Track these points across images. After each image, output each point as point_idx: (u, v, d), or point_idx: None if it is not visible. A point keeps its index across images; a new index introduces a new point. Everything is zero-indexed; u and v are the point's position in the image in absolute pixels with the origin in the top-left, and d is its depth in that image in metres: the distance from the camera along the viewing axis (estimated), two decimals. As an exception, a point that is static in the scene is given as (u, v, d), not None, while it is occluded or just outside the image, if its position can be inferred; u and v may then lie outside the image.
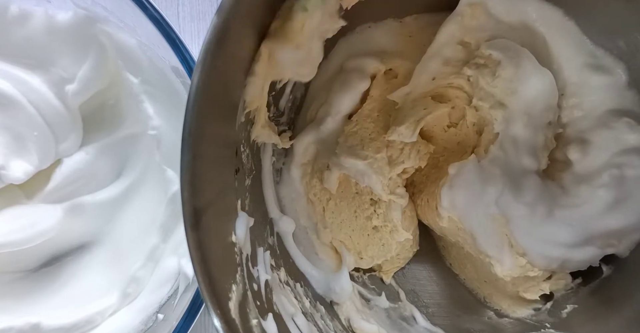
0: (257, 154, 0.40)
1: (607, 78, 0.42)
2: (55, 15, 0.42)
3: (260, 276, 0.34)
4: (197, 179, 0.25)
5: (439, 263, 0.51)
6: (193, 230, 0.25)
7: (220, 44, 0.25)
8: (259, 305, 0.31)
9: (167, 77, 0.43)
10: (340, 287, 0.42)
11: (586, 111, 0.43)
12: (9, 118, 0.43)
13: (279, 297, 0.35)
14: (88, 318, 0.43)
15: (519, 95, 0.43)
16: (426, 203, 0.48)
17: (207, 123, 0.27)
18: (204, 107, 0.26)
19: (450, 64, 0.45)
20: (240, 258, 0.31)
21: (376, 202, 0.47)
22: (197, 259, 0.25)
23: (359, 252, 0.47)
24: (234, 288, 0.28)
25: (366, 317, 0.42)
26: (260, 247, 0.36)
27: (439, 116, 0.47)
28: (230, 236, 0.30)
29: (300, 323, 0.35)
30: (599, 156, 0.42)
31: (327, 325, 0.39)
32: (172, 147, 0.44)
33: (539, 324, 0.44)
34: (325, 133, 0.46)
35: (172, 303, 0.43)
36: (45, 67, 0.44)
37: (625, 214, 0.41)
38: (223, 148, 0.31)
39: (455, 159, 0.46)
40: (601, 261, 0.43)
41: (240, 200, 0.34)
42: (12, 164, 0.43)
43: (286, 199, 0.45)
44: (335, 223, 0.46)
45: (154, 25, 0.39)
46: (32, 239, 0.43)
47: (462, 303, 0.49)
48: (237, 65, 0.30)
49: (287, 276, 0.39)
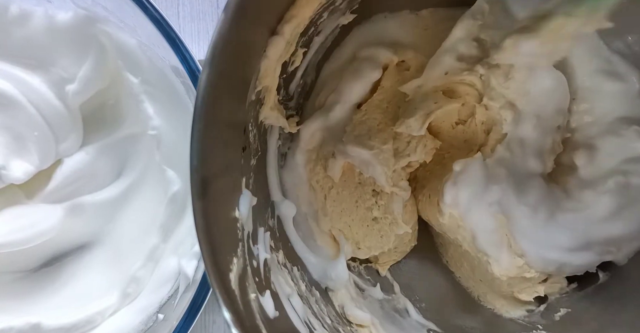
0: (263, 136, 0.40)
1: (620, 85, 0.42)
2: (56, 15, 0.42)
3: (260, 254, 0.34)
4: (206, 149, 0.25)
5: (435, 260, 0.51)
6: (200, 199, 0.25)
7: (241, 14, 0.25)
8: (258, 281, 0.32)
9: (167, 77, 0.43)
10: (337, 275, 0.42)
11: (596, 117, 0.43)
12: (9, 118, 0.43)
13: (277, 276, 0.35)
14: (88, 318, 0.44)
15: (531, 97, 0.43)
16: (427, 199, 0.48)
17: (219, 95, 0.27)
18: (217, 79, 0.26)
19: (464, 60, 0.44)
20: (242, 234, 0.31)
21: (378, 193, 0.47)
22: (202, 228, 0.25)
23: (357, 242, 0.47)
24: (235, 261, 0.28)
25: (360, 306, 0.42)
26: (261, 227, 0.36)
27: (448, 111, 0.46)
28: (234, 211, 0.30)
29: (296, 304, 0.35)
30: (606, 162, 0.42)
31: (321, 310, 0.39)
32: (172, 147, 0.44)
33: (530, 325, 0.44)
34: (333, 121, 0.45)
35: (172, 303, 0.43)
36: (45, 67, 0.44)
37: (627, 222, 0.41)
38: (232, 124, 0.31)
39: (460, 157, 0.46)
40: (598, 267, 0.43)
41: (245, 178, 0.34)
42: (12, 164, 0.43)
43: (289, 184, 0.44)
44: (336, 211, 0.46)
45: (154, 25, 0.39)
46: (32, 239, 0.43)
47: (455, 301, 0.49)
48: (252, 39, 0.30)
49: (285, 259, 0.39)
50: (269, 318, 0.31)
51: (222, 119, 0.28)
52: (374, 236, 0.47)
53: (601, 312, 0.42)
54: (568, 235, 0.42)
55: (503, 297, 0.47)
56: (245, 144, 0.35)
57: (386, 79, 0.46)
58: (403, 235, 0.48)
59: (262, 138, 0.40)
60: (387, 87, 0.46)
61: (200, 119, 0.24)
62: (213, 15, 0.56)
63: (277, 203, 0.42)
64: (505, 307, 0.47)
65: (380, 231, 0.48)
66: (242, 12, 0.25)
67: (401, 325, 0.44)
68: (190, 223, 0.43)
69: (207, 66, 0.25)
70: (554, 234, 0.42)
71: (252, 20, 0.28)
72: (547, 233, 0.43)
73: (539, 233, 0.43)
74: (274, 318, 0.31)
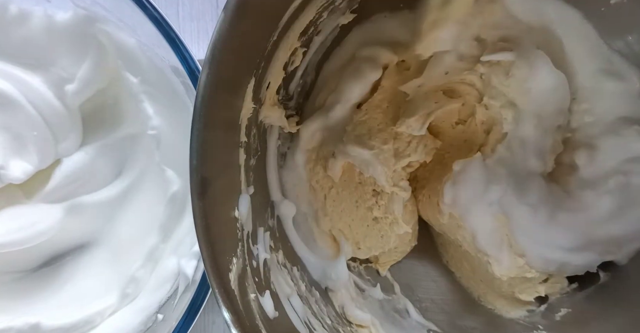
0: (263, 136, 0.40)
1: (621, 85, 0.42)
2: (55, 15, 0.42)
3: (260, 254, 0.34)
4: (206, 149, 0.25)
5: (435, 260, 0.51)
6: (199, 199, 0.25)
7: (240, 14, 0.25)
8: (257, 281, 0.32)
9: (167, 77, 0.43)
10: (337, 275, 0.42)
11: (597, 117, 0.43)
12: (9, 118, 0.43)
13: (277, 277, 0.35)
14: (87, 318, 0.44)
15: (531, 96, 0.43)
16: (427, 199, 0.48)
17: (218, 96, 0.27)
18: (216, 79, 0.26)
19: (465, 60, 0.44)
20: (241, 234, 0.31)
21: (378, 193, 0.47)
22: (202, 228, 0.25)
23: (357, 242, 0.47)
24: (235, 261, 0.28)
25: (360, 306, 0.42)
26: (260, 227, 0.36)
27: (448, 111, 0.46)
28: (234, 211, 0.30)
29: (296, 304, 0.35)
30: (606, 162, 0.42)
31: (321, 310, 0.38)
32: (172, 147, 0.44)
33: (531, 326, 0.44)
34: (333, 121, 0.45)
35: (171, 304, 0.43)
36: (45, 67, 0.44)
37: (628, 222, 0.41)
38: (232, 124, 0.31)
39: (460, 157, 0.46)
40: (599, 267, 0.43)
41: (245, 178, 0.34)
42: (11, 164, 0.43)
43: (289, 184, 0.44)
44: (336, 211, 0.46)
45: (153, 25, 0.39)
46: (32, 239, 0.43)
47: (456, 301, 0.49)
48: (253, 39, 0.30)
49: (285, 259, 0.39)
50: (268, 318, 0.31)
51: (221, 119, 0.28)
52: (374, 236, 0.47)
53: (602, 312, 0.42)
54: (568, 234, 0.42)
55: (503, 297, 0.47)
56: (245, 143, 0.35)
57: (386, 79, 0.46)
58: (403, 235, 0.48)
59: (262, 137, 0.40)
60: (387, 87, 0.46)
61: (200, 119, 0.24)
62: (213, 15, 0.55)
63: (276, 203, 0.42)
64: (506, 307, 0.47)
65: (381, 231, 0.47)
66: (242, 12, 0.25)
67: (401, 326, 0.44)
68: (189, 223, 0.43)
69: (207, 66, 0.25)
70: (555, 234, 0.42)
71: (252, 20, 0.28)
72: (547, 232, 0.42)
73: (539, 233, 0.42)
74: (274, 318, 0.31)
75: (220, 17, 0.25)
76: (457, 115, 0.48)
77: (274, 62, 0.34)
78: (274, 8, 0.31)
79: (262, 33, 0.31)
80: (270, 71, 0.33)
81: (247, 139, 0.34)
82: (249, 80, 0.31)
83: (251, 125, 0.35)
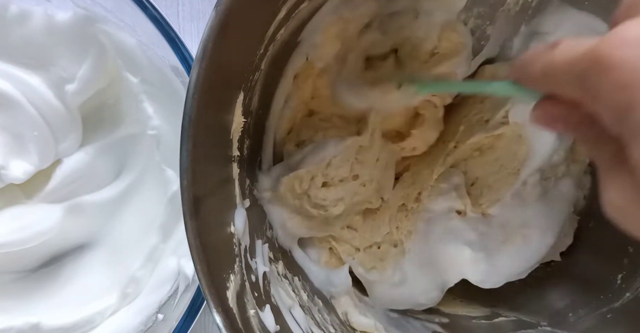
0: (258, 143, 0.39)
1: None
2: (55, 14, 0.42)
3: (259, 268, 0.33)
4: (196, 168, 0.25)
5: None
6: (192, 219, 0.24)
7: (223, 31, 0.24)
8: (257, 296, 0.31)
9: (167, 76, 0.42)
10: (340, 281, 0.41)
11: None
12: (9, 118, 0.43)
13: (277, 289, 0.34)
14: (88, 318, 0.44)
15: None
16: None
17: (207, 113, 0.26)
18: (205, 97, 0.25)
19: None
20: (238, 249, 0.30)
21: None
22: (196, 248, 0.24)
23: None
24: (232, 278, 0.28)
25: (363, 312, 0.42)
26: (259, 240, 0.36)
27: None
28: (229, 226, 0.30)
29: (298, 315, 0.35)
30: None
31: (324, 319, 0.38)
32: (172, 147, 0.43)
33: (535, 322, 0.44)
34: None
35: (172, 304, 0.43)
36: (45, 67, 0.43)
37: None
38: (223, 138, 0.31)
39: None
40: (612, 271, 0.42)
41: (240, 191, 0.33)
42: (11, 164, 0.43)
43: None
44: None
45: (153, 24, 0.39)
46: (32, 239, 0.43)
47: (459, 292, 0.47)
48: (240, 55, 0.29)
49: (286, 270, 0.39)
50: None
51: (211, 136, 0.27)
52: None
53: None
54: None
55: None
56: (238, 157, 0.34)
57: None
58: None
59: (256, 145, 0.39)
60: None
61: (189, 140, 0.24)
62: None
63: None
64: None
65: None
66: (225, 29, 0.24)
67: (405, 329, 0.44)
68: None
69: (192, 86, 0.24)
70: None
71: (237, 36, 0.27)
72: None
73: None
74: (275, 332, 0.31)
75: (204, 36, 0.25)
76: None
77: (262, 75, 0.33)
78: (258, 21, 0.30)
79: (248, 47, 0.30)
80: (259, 83, 0.32)
81: (240, 153, 0.34)
82: (238, 95, 0.30)
83: (244, 138, 0.34)
